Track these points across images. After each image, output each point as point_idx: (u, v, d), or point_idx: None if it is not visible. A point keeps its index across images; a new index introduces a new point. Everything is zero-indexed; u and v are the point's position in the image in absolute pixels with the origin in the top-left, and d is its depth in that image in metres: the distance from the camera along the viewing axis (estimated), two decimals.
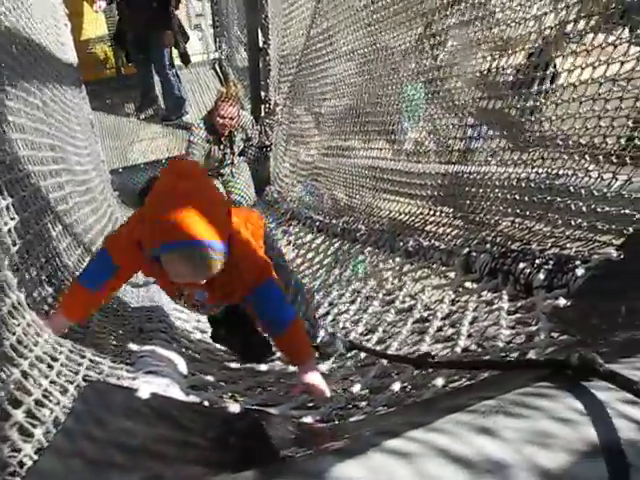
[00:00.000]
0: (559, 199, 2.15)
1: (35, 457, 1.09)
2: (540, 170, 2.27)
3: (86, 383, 1.48)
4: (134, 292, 2.99)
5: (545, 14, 2.25)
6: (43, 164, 2.40)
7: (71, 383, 1.45)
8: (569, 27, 2.14)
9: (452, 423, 0.83)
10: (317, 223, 4.12)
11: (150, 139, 7.34)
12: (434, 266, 2.61)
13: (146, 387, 1.44)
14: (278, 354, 2.55)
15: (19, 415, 1.14)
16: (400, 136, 3.70)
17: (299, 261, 3.93)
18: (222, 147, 5.41)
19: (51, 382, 1.37)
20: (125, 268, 1.78)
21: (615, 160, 1.95)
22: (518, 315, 1.95)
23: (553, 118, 2.24)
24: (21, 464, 1.07)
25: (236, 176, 5.53)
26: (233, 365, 2.29)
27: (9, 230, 1.49)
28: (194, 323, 2.79)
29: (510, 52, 2.48)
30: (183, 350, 2.08)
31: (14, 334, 1.28)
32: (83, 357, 1.67)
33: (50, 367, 1.43)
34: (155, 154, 7.08)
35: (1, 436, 1.07)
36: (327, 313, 2.89)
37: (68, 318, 1.72)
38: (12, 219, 1.56)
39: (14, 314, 1.31)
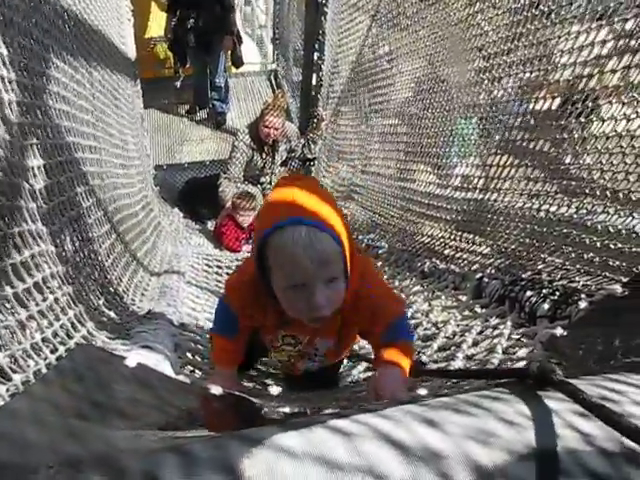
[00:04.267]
0: (575, 232, 2.15)
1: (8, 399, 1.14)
2: (560, 203, 2.27)
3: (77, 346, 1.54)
4: (152, 279, 3.06)
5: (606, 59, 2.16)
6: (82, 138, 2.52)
7: (63, 345, 1.50)
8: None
9: (401, 412, 0.85)
10: None
11: (199, 141, 7.48)
12: (446, 289, 2.61)
13: (135, 357, 1.48)
14: None
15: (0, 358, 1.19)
16: (447, 170, 3.61)
17: None
18: (264, 156, 5.50)
19: (43, 339, 1.42)
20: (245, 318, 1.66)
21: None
22: (517, 342, 1.94)
23: (586, 158, 2.23)
24: None
25: None
26: None
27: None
28: (204, 314, 2.83)
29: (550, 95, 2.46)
30: (184, 334, 2.11)
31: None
32: (83, 326, 1.73)
33: (50, 325, 1.49)
34: (201, 156, 7.21)
35: None
36: None
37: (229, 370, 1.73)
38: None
39: None
